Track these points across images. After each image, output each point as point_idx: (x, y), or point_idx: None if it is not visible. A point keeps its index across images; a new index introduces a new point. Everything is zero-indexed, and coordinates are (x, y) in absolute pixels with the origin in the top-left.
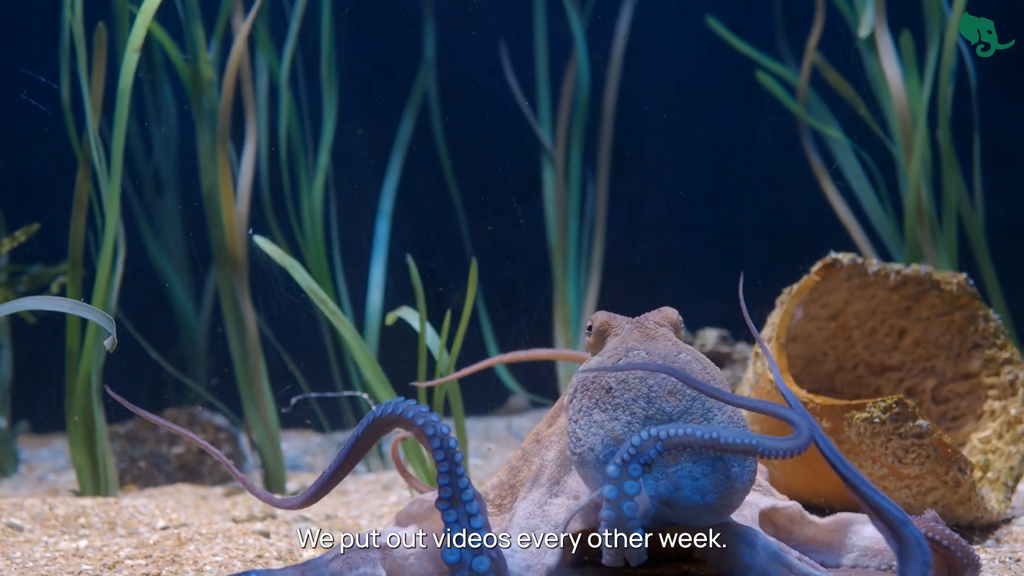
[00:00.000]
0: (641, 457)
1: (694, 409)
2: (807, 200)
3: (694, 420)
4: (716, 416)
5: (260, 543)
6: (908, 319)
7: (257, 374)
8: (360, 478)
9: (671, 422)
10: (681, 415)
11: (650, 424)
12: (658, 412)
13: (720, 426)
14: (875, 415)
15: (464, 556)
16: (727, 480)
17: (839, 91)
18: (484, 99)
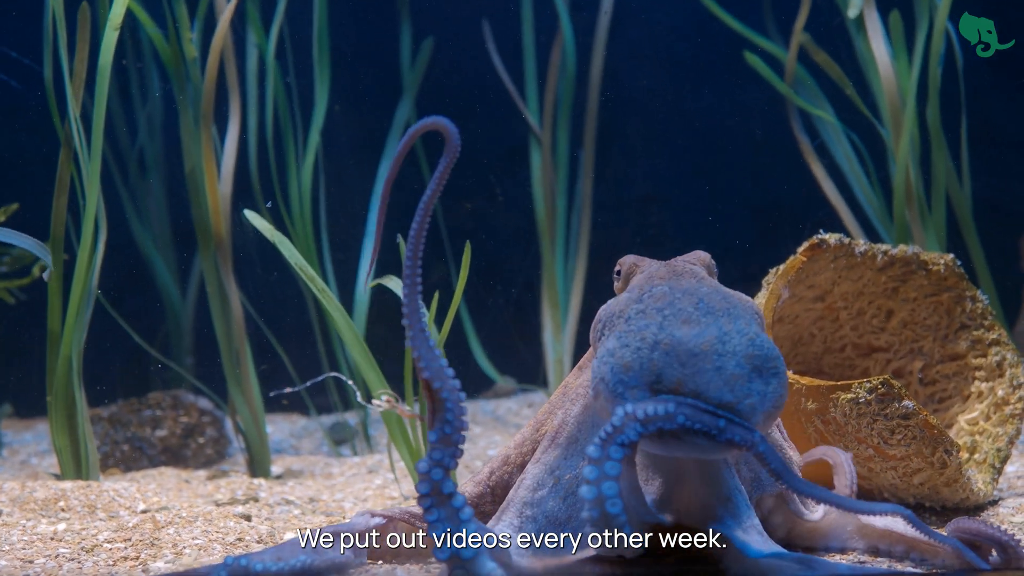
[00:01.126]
0: (619, 437)
1: (707, 335)
2: (795, 180)
3: (705, 346)
4: (732, 340)
5: (241, 526)
6: (895, 300)
7: (242, 356)
8: (345, 461)
9: (681, 347)
10: (692, 339)
11: (657, 350)
12: (668, 338)
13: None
14: (861, 396)
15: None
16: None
17: (827, 71)
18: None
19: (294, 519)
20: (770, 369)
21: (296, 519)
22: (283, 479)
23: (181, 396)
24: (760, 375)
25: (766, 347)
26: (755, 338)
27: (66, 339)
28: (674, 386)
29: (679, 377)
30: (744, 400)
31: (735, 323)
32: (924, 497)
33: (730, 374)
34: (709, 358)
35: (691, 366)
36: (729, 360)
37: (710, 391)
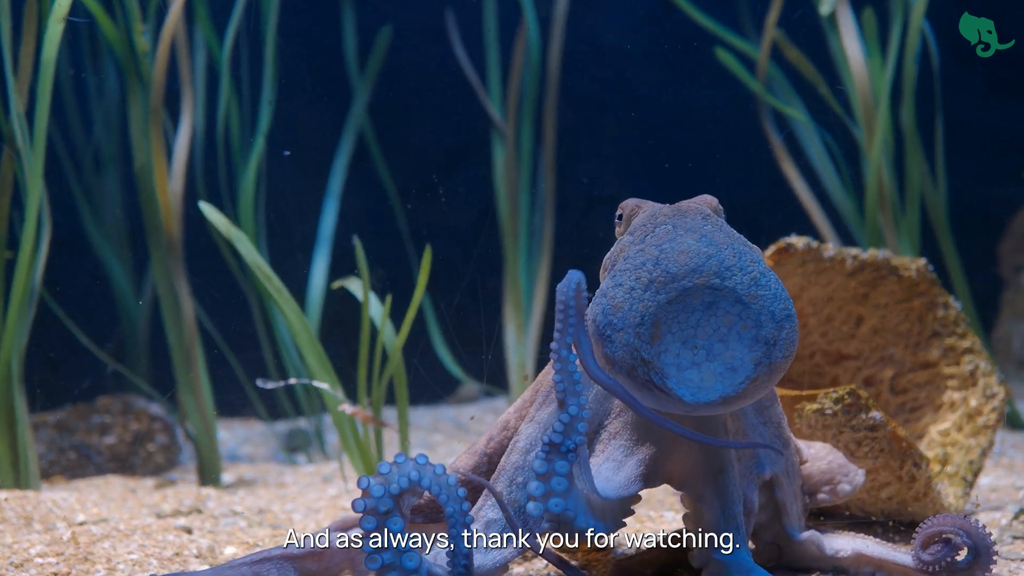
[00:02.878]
0: (567, 443)
1: (708, 267)
2: (765, 179)
3: (701, 280)
4: (733, 277)
5: (180, 540)
6: (866, 306)
7: (193, 359)
8: (299, 469)
9: (674, 283)
10: (688, 274)
11: (651, 289)
12: (663, 274)
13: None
14: (826, 406)
15: (388, 559)
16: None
17: (800, 69)
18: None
19: (239, 532)
20: (774, 313)
21: (241, 532)
22: (233, 488)
23: (132, 401)
24: (760, 320)
25: (772, 286)
26: (759, 276)
27: (5, 342)
28: (655, 332)
29: (661, 318)
30: (734, 354)
31: (739, 259)
32: (892, 512)
33: (723, 319)
34: (701, 295)
35: (679, 305)
36: (725, 300)
37: (697, 339)
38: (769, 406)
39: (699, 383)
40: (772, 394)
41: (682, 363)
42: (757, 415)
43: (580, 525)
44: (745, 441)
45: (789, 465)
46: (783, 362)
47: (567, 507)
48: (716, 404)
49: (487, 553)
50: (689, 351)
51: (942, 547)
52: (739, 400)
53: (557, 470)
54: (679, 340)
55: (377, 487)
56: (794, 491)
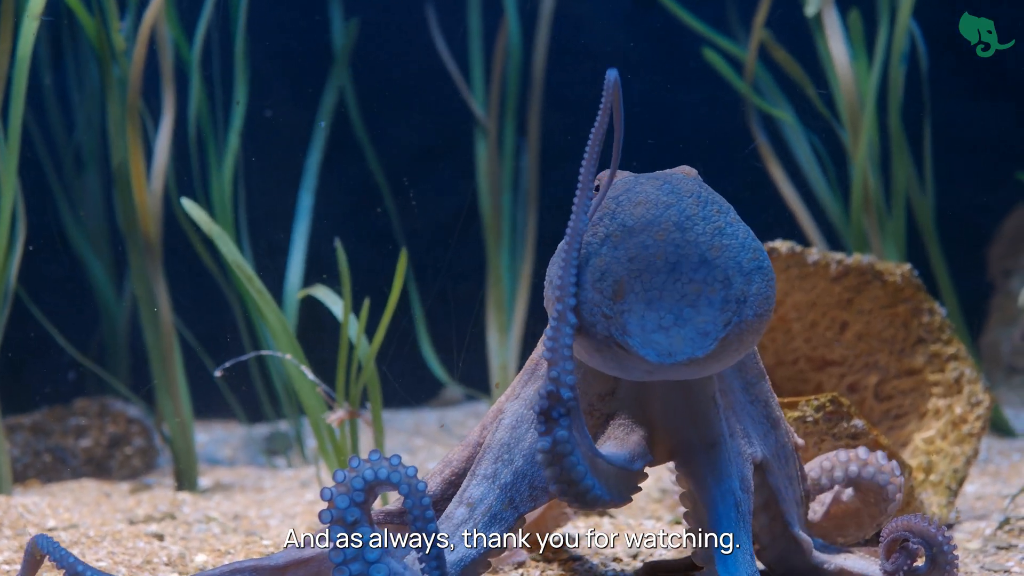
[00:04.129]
0: (557, 409)
1: (666, 218)
2: (753, 182)
3: (660, 235)
4: (696, 227)
5: (151, 547)
6: (850, 311)
7: (171, 362)
8: (278, 474)
9: (632, 239)
10: (645, 227)
11: (608, 243)
12: (619, 228)
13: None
14: (808, 414)
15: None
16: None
17: (788, 70)
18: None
19: (211, 538)
20: (741, 265)
21: (214, 539)
22: (210, 493)
23: (109, 404)
24: (727, 276)
25: (739, 235)
26: (724, 226)
27: None
28: (617, 290)
29: (623, 277)
30: (694, 319)
31: (702, 208)
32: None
33: (689, 281)
34: (663, 252)
35: (640, 263)
36: (689, 259)
37: (664, 301)
38: (756, 382)
39: (667, 346)
40: (760, 370)
41: (647, 325)
42: (744, 391)
43: (588, 484)
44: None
45: (779, 447)
46: (755, 320)
47: (577, 464)
48: (682, 366)
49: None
50: (655, 314)
51: (900, 554)
52: (707, 363)
53: (558, 436)
54: (643, 301)
55: (342, 497)
56: (788, 475)
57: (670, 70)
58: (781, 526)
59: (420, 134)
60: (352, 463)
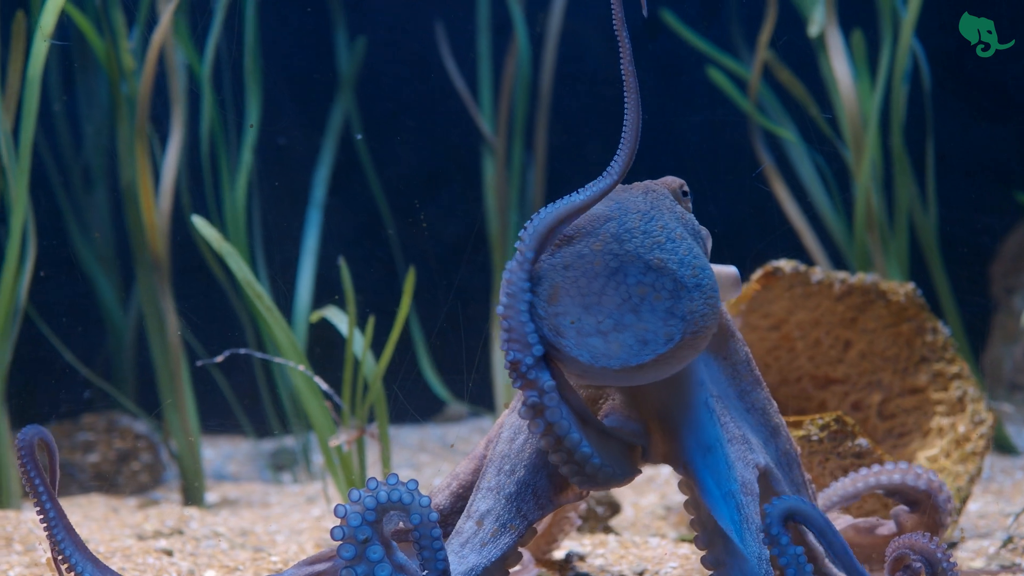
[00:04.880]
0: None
1: (605, 231)
2: (757, 202)
3: (597, 245)
4: (634, 239)
5: (161, 562)
6: (854, 330)
7: (178, 379)
8: (284, 489)
9: (568, 247)
10: (583, 237)
11: (548, 251)
12: (559, 238)
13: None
14: (812, 433)
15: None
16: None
17: (791, 91)
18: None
19: (220, 554)
20: (681, 281)
21: (222, 554)
22: (217, 508)
23: (116, 419)
24: (667, 290)
25: (680, 251)
26: (665, 242)
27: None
28: (552, 294)
29: (559, 283)
30: (647, 326)
31: (646, 223)
32: None
33: (633, 287)
34: (601, 260)
35: (576, 270)
36: (632, 267)
37: (602, 306)
38: (751, 390)
39: (603, 350)
40: (755, 378)
41: (584, 328)
42: (740, 399)
43: (574, 439)
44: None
45: (781, 454)
46: (692, 338)
47: (561, 417)
48: (612, 372)
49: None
50: (592, 317)
51: (903, 573)
52: (641, 372)
53: (541, 384)
54: (580, 305)
55: (355, 515)
56: (793, 482)
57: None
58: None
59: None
60: (369, 484)
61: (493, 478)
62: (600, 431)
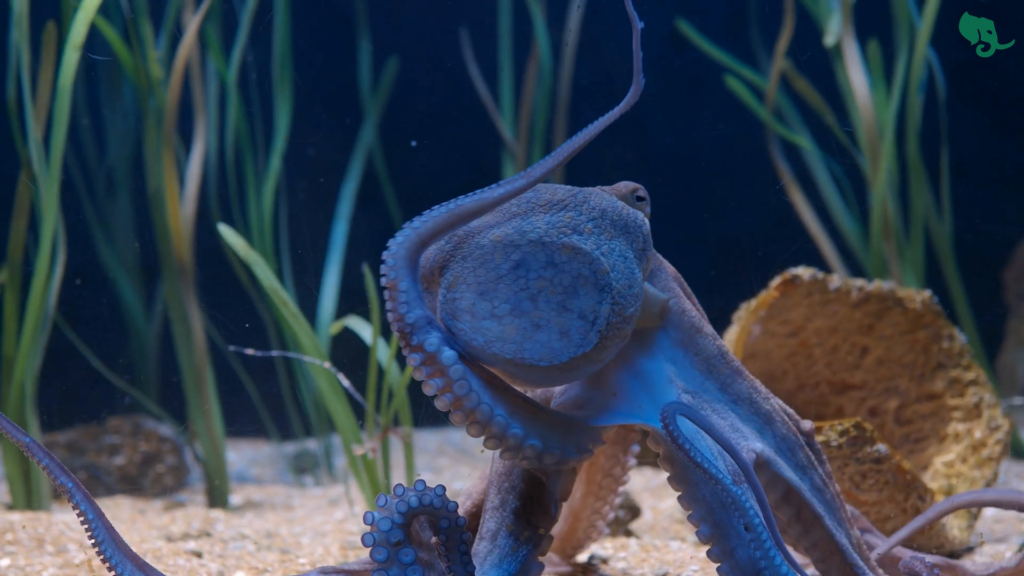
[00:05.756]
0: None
1: (510, 225)
2: (774, 211)
3: (497, 237)
4: (537, 229)
5: (191, 564)
6: (871, 337)
7: (204, 383)
8: (307, 492)
9: (471, 239)
10: (486, 230)
11: (452, 241)
12: (465, 230)
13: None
14: (832, 438)
15: None
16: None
17: (808, 99)
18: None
19: (248, 556)
20: (585, 277)
21: (250, 556)
22: (241, 511)
23: (142, 422)
24: (568, 286)
25: (588, 252)
26: (574, 244)
27: (19, 365)
28: (452, 281)
29: (459, 273)
30: (531, 312)
31: (554, 215)
32: None
33: (534, 280)
34: (500, 251)
35: (474, 261)
36: (536, 255)
37: (498, 293)
38: (732, 382)
39: (498, 333)
40: (734, 369)
41: (478, 312)
42: (722, 391)
43: (485, 411)
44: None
45: (780, 440)
46: (591, 336)
47: (471, 389)
48: (502, 359)
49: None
50: (487, 303)
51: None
52: (528, 368)
53: (427, 347)
54: (476, 292)
55: (384, 520)
56: (800, 464)
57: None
58: (811, 515)
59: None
60: (396, 490)
61: (495, 496)
62: (534, 409)
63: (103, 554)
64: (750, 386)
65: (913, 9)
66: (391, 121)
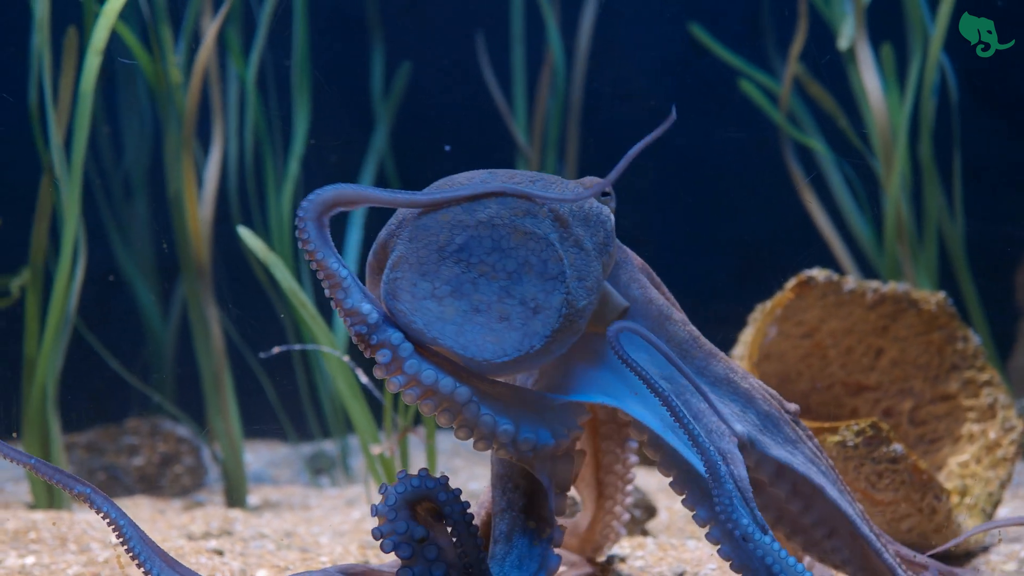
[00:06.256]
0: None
1: (455, 206)
2: (788, 213)
3: (445, 217)
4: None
5: (213, 562)
6: (885, 338)
7: (222, 384)
8: (324, 492)
9: (418, 218)
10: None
11: (396, 221)
12: (411, 211)
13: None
14: (848, 439)
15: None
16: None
17: (821, 103)
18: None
19: (268, 555)
20: (530, 264)
21: (270, 555)
22: (259, 511)
23: (159, 423)
24: (515, 271)
25: (538, 237)
26: (524, 228)
27: (41, 366)
28: (396, 262)
29: (402, 253)
30: (471, 295)
31: (505, 207)
32: (912, 544)
33: (476, 257)
34: (445, 232)
35: (419, 241)
36: (480, 238)
37: (439, 276)
38: (706, 366)
39: (438, 314)
40: (708, 351)
41: (418, 292)
42: (699, 376)
43: (458, 392)
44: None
45: (764, 417)
46: (534, 325)
47: (424, 367)
48: (443, 344)
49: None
50: (428, 283)
51: None
52: (469, 359)
53: (389, 340)
54: (418, 272)
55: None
56: (788, 438)
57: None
58: (809, 488)
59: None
60: (399, 476)
61: (501, 499)
62: (504, 390)
63: (132, 551)
64: (726, 367)
65: (926, 13)
66: (404, 125)
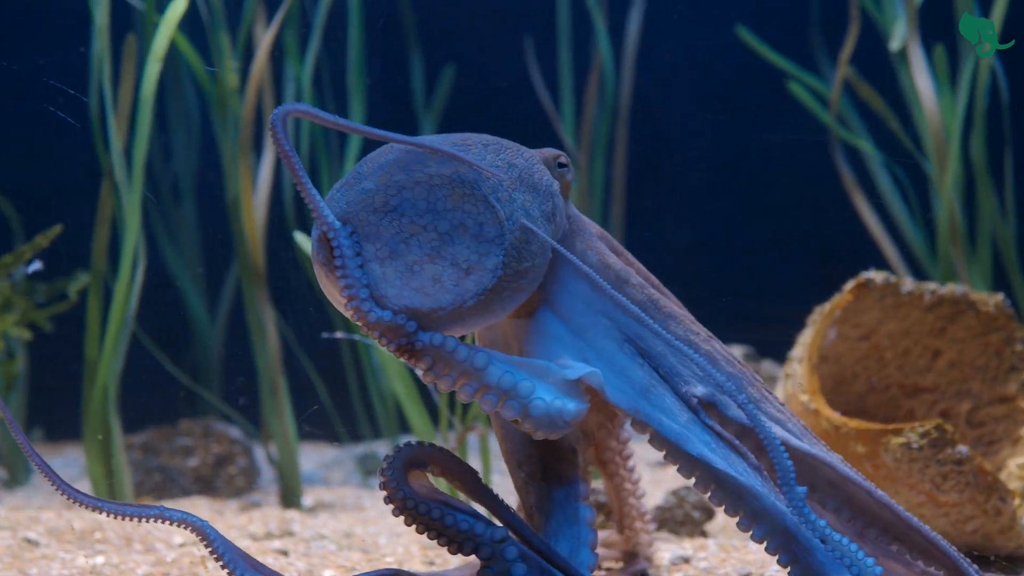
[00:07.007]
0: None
1: (394, 163)
2: (838, 216)
3: (383, 178)
4: (420, 169)
5: (280, 562)
6: (943, 340)
7: (278, 387)
8: (376, 494)
9: (358, 184)
10: (374, 173)
11: (346, 185)
12: (355, 175)
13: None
14: (912, 440)
15: None
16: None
17: (871, 105)
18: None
19: (331, 555)
20: (457, 224)
21: (332, 555)
22: (315, 511)
23: (212, 425)
24: (440, 231)
25: (479, 202)
26: (458, 192)
27: (103, 368)
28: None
29: (355, 220)
30: (405, 256)
31: (444, 168)
32: (976, 545)
33: (408, 217)
34: (383, 195)
35: (358, 205)
36: (413, 200)
37: (379, 238)
38: (664, 328)
39: (380, 276)
40: (665, 315)
41: (365, 255)
42: (660, 338)
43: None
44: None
45: (727, 379)
46: (466, 285)
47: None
48: (388, 303)
49: None
50: (372, 246)
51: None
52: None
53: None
54: (363, 238)
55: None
56: (752, 399)
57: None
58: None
59: None
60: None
61: (519, 475)
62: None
63: (216, 552)
64: (686, 329)
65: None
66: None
